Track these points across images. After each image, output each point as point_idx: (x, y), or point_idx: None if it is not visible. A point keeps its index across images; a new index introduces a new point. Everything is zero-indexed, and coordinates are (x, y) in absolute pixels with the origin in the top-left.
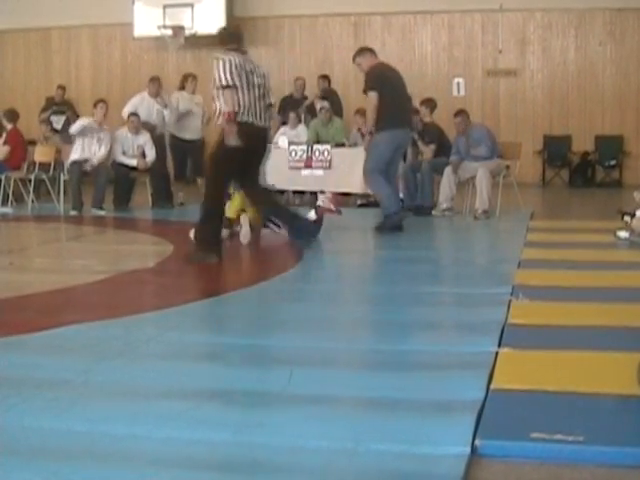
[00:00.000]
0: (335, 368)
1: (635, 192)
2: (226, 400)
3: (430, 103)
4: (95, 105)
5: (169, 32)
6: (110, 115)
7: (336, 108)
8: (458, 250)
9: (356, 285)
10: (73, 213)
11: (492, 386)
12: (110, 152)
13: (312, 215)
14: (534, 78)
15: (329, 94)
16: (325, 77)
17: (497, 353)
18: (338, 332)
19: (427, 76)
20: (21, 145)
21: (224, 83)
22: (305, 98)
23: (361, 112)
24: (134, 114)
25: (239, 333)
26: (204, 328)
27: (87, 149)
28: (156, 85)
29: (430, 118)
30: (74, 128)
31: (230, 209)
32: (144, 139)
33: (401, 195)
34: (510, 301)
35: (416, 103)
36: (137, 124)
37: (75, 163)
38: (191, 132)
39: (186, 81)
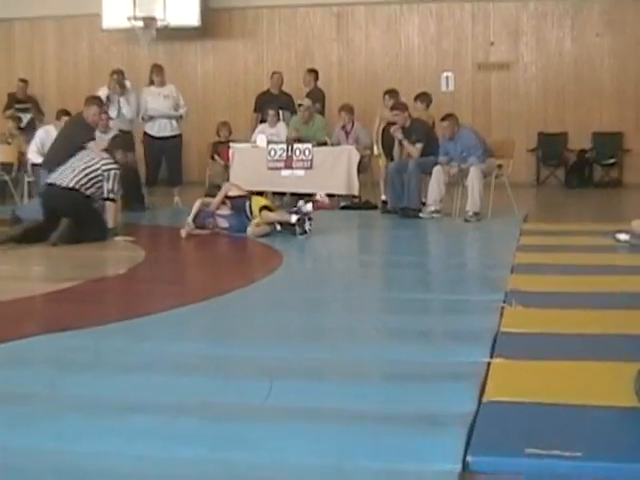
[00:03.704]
0: (318, 379)
1: (634, 221)
2: (202, 414)
3: (426, 98)
4: (58, 118)
5: (140, 24)
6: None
7: (319, 107)
8: (448, 254)
9: (340, 291)
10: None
11: (484, 398)
12: None
13: (309, 207)
14: (528, 71)
15: (318, 97)
16: (312, 71)
17: (489, 363)
18: (320, 341)
19: (414, 70)
20: None
21: None
22: (285, 94)
23: (346, 109)
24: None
25: (216, 343)
26: (178, 338)
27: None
28: (118, 78)
29: (426, 115)
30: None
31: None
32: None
33: (384, 197)
34: (503, 308)
35: (405, 99)
36: (107, 122)
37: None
38: (164, 128)
39: (152, 74)
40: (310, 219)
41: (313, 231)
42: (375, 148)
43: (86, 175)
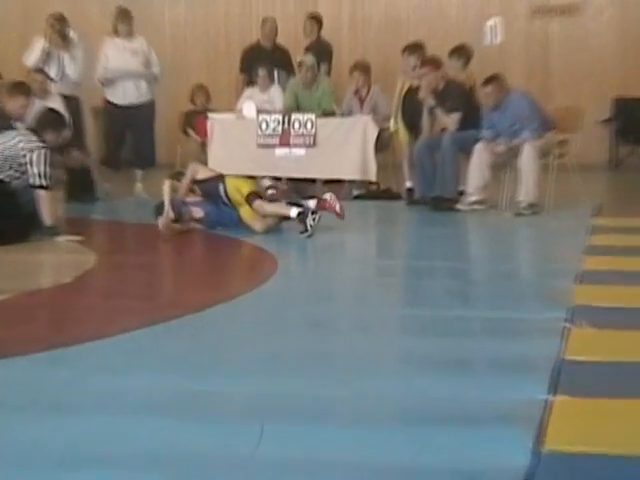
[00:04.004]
0: (322, 422)
1: None
2: (172, 469)
3: (464, 53)
4: None
5: None
6: (7, 66)
7: (325, 65)
8: (493, 259)
9: (351, 308)
10: None
11: (542, 448)
12: None
13: (311, 204)
14: (601, 17)
15: (324, 52)
16: (315, 18)
17: (549, 402)
18: (325, 373)
19: (449, 16)
20: None
21: None
22: (280, 48)
23: (360, 68)
24: (40, 70)
25: (189, 375)
26: (140, 369)
27: None
28: (59, 27)
29: (464, 75)
30: None
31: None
32: (55, 106)
33: (409, 183)
34: (566, 329)
35: (437, 53)
36: (45, 84)
37: None
38: (130, 94)
39: (117, 21)
40: (314, 213)
41: (318, 228)
42: (392, 120)
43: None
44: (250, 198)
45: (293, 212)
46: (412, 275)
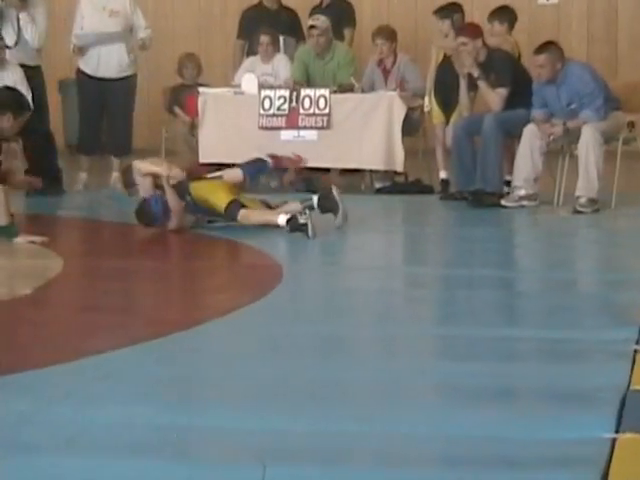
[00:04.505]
0: (335, 465)
1: None
2: None
3: (507, 15)
4: None
5: None
6: None
7: (350, 30)
8: (547, 266)
9: (371, 325)
10: None
11: None
12: None
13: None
14: None
15: (342, 14)
16: None
17: (615, 441)
18: (340, 404)
19: None
20: None
21: None
22: (286, 9)
23: (384, 34)
24: None
25: (176, 406)
26: (118, 398)
27: None
28: None
29: (508, 43)
30: None
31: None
32: (14, 78)
33: (444, 174)
34: (637, 352)
35: (475, 17)
36: (1, 53)
37: None
38: (108, 64)
39: None
40: (310, 208)
41: (332, 230)
42: (426, 98)
43: None
44: (230, 210)
45: (282, 220)
46: (447, 286)
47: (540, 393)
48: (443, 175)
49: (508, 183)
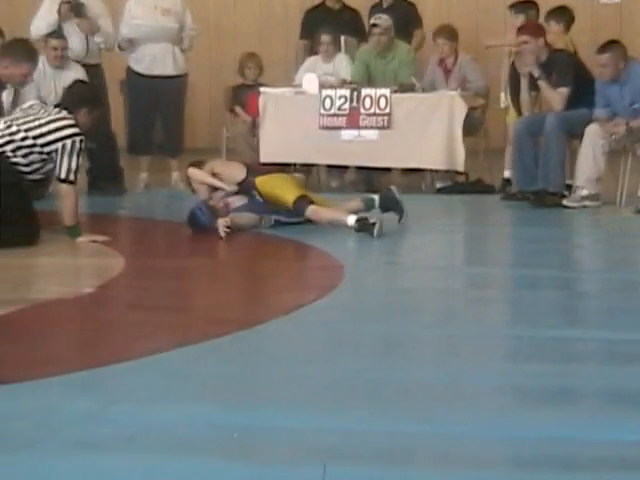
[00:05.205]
0: (396, 465)
1: None
2: None
3: (562, 15)
4: None
5: None
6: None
7: (420, 31)
8: (610, 267)
9: (435, 326)
10: None
11: None
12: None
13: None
14: None
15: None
16: None
17: None
18: (403, 405)
19: None
20: None
21: None
22: (349, 9)
23: (445, 33)
24: (57, 35)
25: (235, 406)
26: (176, 397)
27: None
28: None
29: (564, 42)
30: None
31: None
32: (76, 77)
33: (507, 173)
34: None
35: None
36: (62, 52)
37: None
38: (160, 62)
39: None
40: (371, 207)
41: (394, 230)
42: (502, 96)
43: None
44: (299, 205)
45: (351, 220)
46: (509, 286)
47: (602, 395)
48: (506, 174)
49: (568, 187)
